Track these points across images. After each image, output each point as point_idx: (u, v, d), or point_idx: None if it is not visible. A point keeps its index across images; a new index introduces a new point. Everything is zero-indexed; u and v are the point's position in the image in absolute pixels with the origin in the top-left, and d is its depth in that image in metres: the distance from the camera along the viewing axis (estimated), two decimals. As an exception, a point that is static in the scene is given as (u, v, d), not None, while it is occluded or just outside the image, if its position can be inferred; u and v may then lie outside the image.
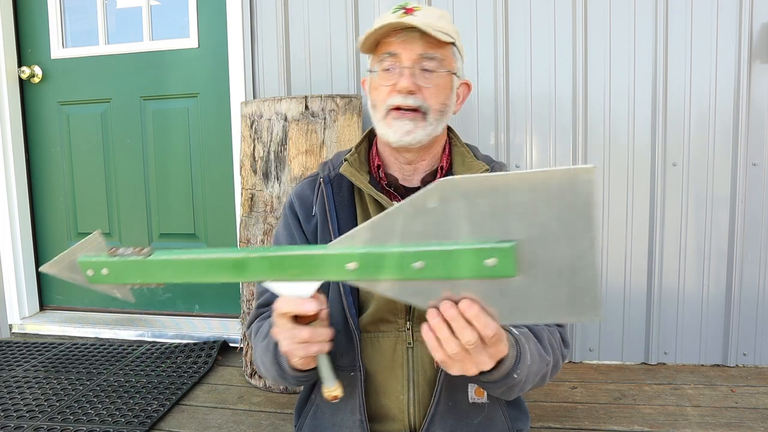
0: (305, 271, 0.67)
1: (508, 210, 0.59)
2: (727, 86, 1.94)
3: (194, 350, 2.23)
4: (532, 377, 0.85)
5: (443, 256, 0.60)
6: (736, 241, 1.98)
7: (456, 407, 0.98)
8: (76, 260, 0.74)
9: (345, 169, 1.00)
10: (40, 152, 2.65)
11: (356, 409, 0.98)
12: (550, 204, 0.58)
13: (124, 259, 0.72)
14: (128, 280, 0.72)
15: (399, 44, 0.92)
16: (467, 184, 0.59)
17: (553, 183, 0.57)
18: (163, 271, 0.71)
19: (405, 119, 0.93)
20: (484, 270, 0.60)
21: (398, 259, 0.62)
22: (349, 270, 0.64)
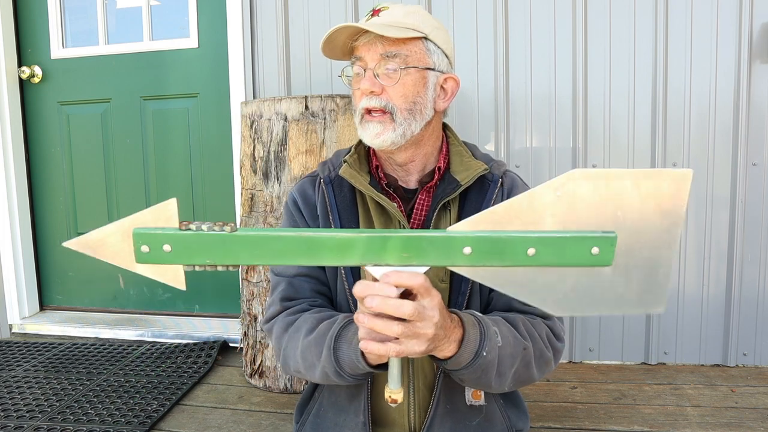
0: (416, 254, 0.64)
1: (613, 203, 0.63)
2: (727, 86, 1.94)
3: (194, 350, 2.23)
4: (509, 360, 0.84)
5: (557, 243, 0.63)
6: (736, 241, 1.97)
7: (454, 410, 0.98)
8: (132, 231, 0.62)
9: (344, 171, 0.98)
10: (40, 152, 2.65)
11: (360, 411, 0.97)
12: (649, 201, 0.63)
13: (199, 233, 0.61)
14: (195, 260, 0.62)
15: (362, 47, 0.93)
16: (591, 174, 0.63)
17: (656, 182, 0.62)
18: (249, 250, 0.62)
19: (374, 122, 0.93)
20: (588, 258, 0.63)
21: (514, 244, 0.63)
22: (465, 255, 0.63)
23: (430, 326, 0.70)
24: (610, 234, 0.63)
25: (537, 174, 2.05)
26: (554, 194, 0.63)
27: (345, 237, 0.63)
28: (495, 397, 1.01)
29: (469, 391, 0.98)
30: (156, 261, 0.63)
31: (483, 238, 0.63)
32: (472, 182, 0.97)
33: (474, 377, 0.82)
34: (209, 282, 2.55)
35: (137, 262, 0.63)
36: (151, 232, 0.62)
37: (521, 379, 0.89)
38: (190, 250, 0.62)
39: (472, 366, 0.79)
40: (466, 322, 0.79)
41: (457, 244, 0.63)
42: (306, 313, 0.96)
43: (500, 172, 1.00)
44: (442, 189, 0.97)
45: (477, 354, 0.79)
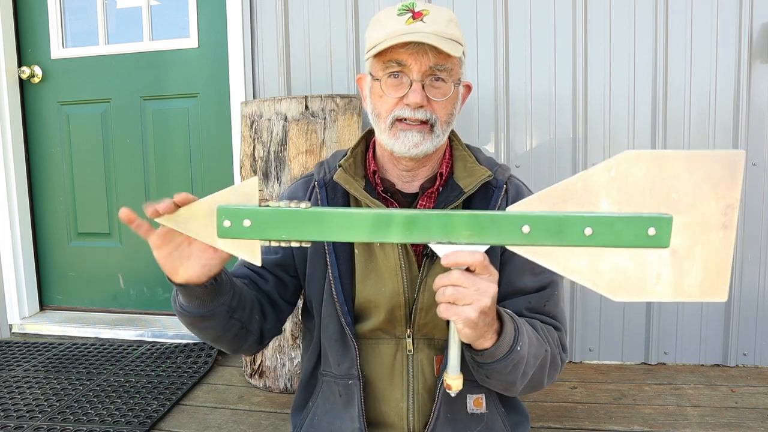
0: (478, 232, 0.67)
1: (667, 185, 0.64)
2: (727, 86, 1.94)
3: (194, 350, 2.23)
4: (533, 360, 0.84)
5: (613, 223, 0.64)
6: (736, 241, 1.97)
7: (455, 418, 0.97)
8: (216, 207, 0.67)
9: (339, 176, 0.96)
10: (40, 152, 2.65)
11: (355, 417, 0.96)
12: (703, 183, 0.63)
13: (276, 208, 0.66)
14: (272, 236, 0.67)
15: (409, 55, 0.87)
16: (646, 156, 0.64)
17: (709, 163, 0.63)
18: (322, 225, 0.66)
19: (413, 131, 0.90)
20: (645, 239, 0.64)
21: (572, 224, 0.64)
22: (524, 233, 0.65)
23: (486, 296, 0.70)
24: (666, 216, 0.63)
25: (537, 174, 2.05)
26: (608, 175, 0.64)
27: (412, 214, 0.67)
28: (496, 405, 1.00)
29: (471, 399, 0.97)
30: (236, 235, 0.67)
31: (541, 217, 0.65)
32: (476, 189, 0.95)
33: (505, 372, 0.81)
34: (209, 282, 2.55)
35: (219, 236, 0.67)
36: (233, 208, 0.66)
37: (533, 383, 0.89)
38: (268, 224, 0.66)
39: (507, 359, 0.79)
40: (502, 315, 0.79)
41: (516, 222, 0.65)
42: None
43: (504, 178, 0.98)
44: (445, 196, 0.96)
45: (512, 348, 0.79)
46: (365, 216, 0.66)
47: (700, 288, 0.65)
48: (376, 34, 0.91)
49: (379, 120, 0.93)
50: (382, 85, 0.91)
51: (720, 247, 0.65)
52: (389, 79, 0.90)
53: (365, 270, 0.96)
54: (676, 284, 0.65)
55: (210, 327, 0.87)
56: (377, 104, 0.93)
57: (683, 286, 0.65)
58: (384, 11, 0.93)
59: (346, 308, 0.95)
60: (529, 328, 0.86)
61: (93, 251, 2.67)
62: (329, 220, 0.66)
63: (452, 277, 0.69)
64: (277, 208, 0.66)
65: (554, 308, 0.97)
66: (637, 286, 0.65)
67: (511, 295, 0.95)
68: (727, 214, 0.64)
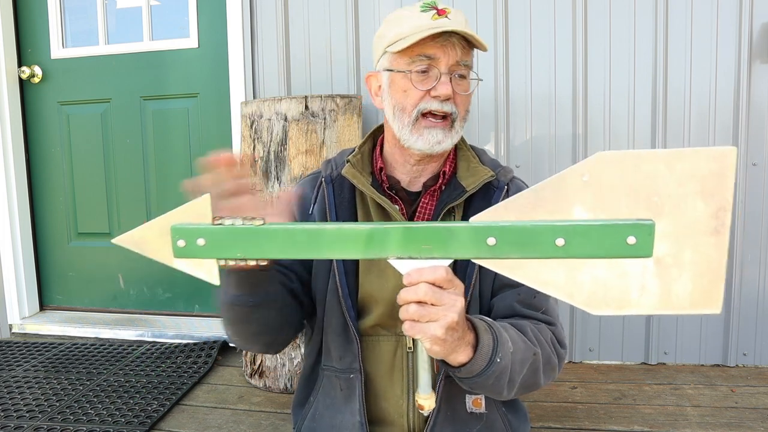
0: (440, 247, 0.62)
1: (647, 187, 0.58)
2: (727, 86, 1.94)
3: (194, 350, 2.23)
4: (519, 366, 0.83)
5: (588, 233, 0.58)
6: (736, 241, 1.97)
7: (454, 417, 0.97)
8: (170, 227, 0.64)
9: (347, 171, 0.98)
10: (40, 152, 2.65)
11: (356, 411, 0.97)
12: (689, 184, 0.57)
13: (230, 227, 0.63)
14: (227, 255, 0.64)
15: (439, 48, 0.89)
16: (620, 157, 0.58)
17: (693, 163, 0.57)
18: (277, 243, 0.63)
19: (437, 128, 0.92)
20: (624, 249, 0.58)
21: (541, 234, 0.59)
22: (489, 246, 0.60)
23: (452, 311, 0.68)
24: (647, 222, 0.58)
25: (537, 174, 2.05)
26: (581, 180, 0.59)
27: (369, 229, 0.62)
28: (496, 404, 1.00)
29: (470, 399, 0.97)
30: (192, 255, 0.65)
31: (508, 228, 0.60)
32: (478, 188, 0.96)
33: (487, 384, 0.80)
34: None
35: (175, 257, 0.66)
36: (186, 227, 0.64)
37: (527, 384, 0.88)
38: (223, 243, 0.64)
39: (486, 373, 0.78)
40: (478, 326, 0.78)
41: (480, 234, 0.60)
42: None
43: (507, 179, 0.99)
44: (448, 194, 0.97)
45: (491, 360, 0.77)
46: (317, 232, 0.63)
47: (690, 299, 0.59)
48: (399, 30, 0.92)
49: (403, 114, 0.94)
50: (410, 77, 0.92)
51: (712, 254, 0.59)
52: (417, 73, 0.91)
53: (368, 265, 0.97)
54: (663, 295, 0.60)
55: (257, 319, 0.87)
56: (401, 98, 0.94)
57: (671, 297, 0.60)
58: (404, 9, 0.95)
59: (350, 302, 0.96)
60: (513, 333, 0.84)
61: (93, 251, 2.67)
62: (283, 236, 0.63)
63: (418, 293, 0.66)
64: (230, 226, 0.64)
65: (545, 302, 0.96)
66: (618, 298, 0.60)
67: (502, 290, 0.96)
68: (719, 217, 0.58)
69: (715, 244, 0.58)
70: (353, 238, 0.63)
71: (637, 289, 0.60)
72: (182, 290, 2.59)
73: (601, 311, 0.61)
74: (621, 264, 0.59)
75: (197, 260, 0.66)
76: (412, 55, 0.91)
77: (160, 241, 0.65)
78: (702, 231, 0.58)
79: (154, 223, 0.65)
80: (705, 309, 0.59)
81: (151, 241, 0.66)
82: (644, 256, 0.58)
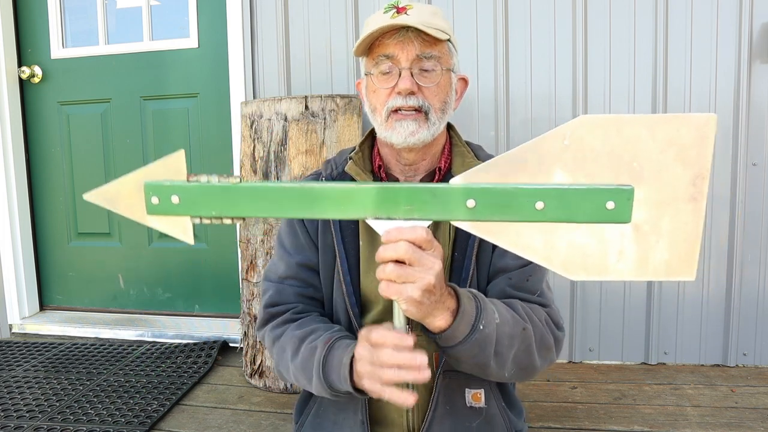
0: (419, 207, 0.61)
1: (628, 152, 0.58)
2: (727, 86, 1.94)
3: (194, 350, 2.23)
4: (507, 340, 0.82)
5: (567, 196, 0.58)
6: (736, 241, 1.97)
7: (453, 411, 0.97)
8: (143, 183, 0.63)
9: (350, 168, 0.99)
10: (40, 152, 2.65)
11: (359, 409, 0.98)
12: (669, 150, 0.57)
13: (206, 184, 0.62)
14: (202, 212, 0.63)
15: (395, 45, 0.91)
16: (602, 121, 0.58)
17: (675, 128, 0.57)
18: (253, 201, 0.62)
19: (408, 120, 0.92)
20: (603, 213, 0.58)
21: (521, 197, 0.59)
22: (468, 208, 0.60)
23: (430, 274, 0.67)
24: (626, 187, 0.58)
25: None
26: (562, 143, 0.59)
27: (347, 188, 0.62)
28: (496, 399, 1.01)
29: (469, 393, 0.98)
30: (165, 212, 0.64)
31: (488, 190, 0.59)
32: None
33: (471, 354, 0.80)
34: (209, 282, 2.55)
35: (148, 213, 0.64)
36: (160, 184, 0.63)
37: (523, 365, 0.87)
38: (197, 201, 0.63)
39: (469, 340, 0.77)
40: (460, 293, 0.78)
41: (459, 196, 0.60)
42: (288, 329, 0.95)
43: None
44: None
45: (474, 327, 0.77)
46: (293, 190, 0.62)
47: (667, 266, 0.60)
48: (363, 33, 0.94)
49: (375, 114, 0.96)
50: (374, 79, 0.94)
51: (689, 221, 0.59)
52: (380, 74, 0.93)
53: (369, 262, 0.98)
54: (641, 261, 0.60)
55: None
56: (372, 99, 0.96)
57: (648, 263, 0.60)
58: (373, 14, 0.97)
59: (354, 299, 0.97)
60: (501, 307, 0.84)
61: (93, 251, 2.67)
62: (259, 194, 0.62)
63: (398, 250, 0.65)
64: (206, 183, 0.63)
65: (538, 284, 0.96)
66: (596, 264, 0.60)
67: (495, 276, 0.96)
68: (697, 184, 0.58)
69: (692, 211, 0.59)
70: (333, 197, 0.62)
71: (615, 254, 0.60)
72: (182, 290, 2.59)
73: (578, 276, 0.61)
74: (599, 229, 0.59)
75: (171, 218, 0.64)
76: (375, 56, 0.93)
77: (134, 198, 0.64)
78: (680, 198, 0.58)
79: (128, 178, 0.63)
80: (680, 276, 0.60)
81: (124, 197, 0.64)
82: (623, 222, 0.59)
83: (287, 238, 1.04)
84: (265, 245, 1.86)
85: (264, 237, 1.86)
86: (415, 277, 0.66)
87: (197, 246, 2.54)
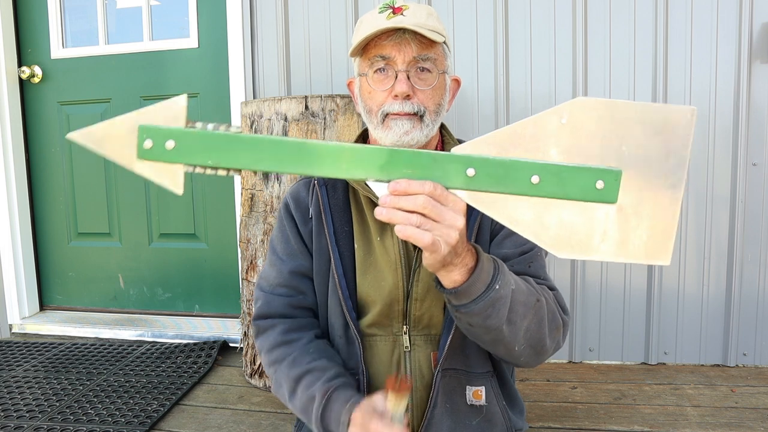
0: (420, 172, 0.62)
1: (618, 137, 0.61)
2: (727, 86, 1.94)
3: (194, 350, 2.23)
4: (521, 308, 0.81)
5: (562, 173, 0.61)
6: (736, 241, 1.97)
7: (454, 409, 0.97)
8: (137, 126, 0.60)
9: None
10: (40, 152, 2.65)
11: None
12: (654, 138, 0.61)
13: (204, 131, 0.61)
14: (197, 160, 0.61)
15: (392, 47, 0.90)
16: (598, 104, 0.61)
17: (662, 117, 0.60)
18: (252, 152, 0.61)
19: (403, 119, 0.92)
20: (592, 192, 0.62)
21: (519, 169, 0.61)
22: (468, 176, 0.62)
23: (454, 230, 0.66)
24: (616, 169, 0.61)
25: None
26: (559, 121, 0.62)
27: (349, 147, 0.62)
28: (497, 397, 1.01)
29: (470, 391, 0.98)
30: (158, 158, 0.61)
31: (488, 161, 0.62)
32: None
33: (484, 315, 0.77)
34: (209, 282, 2.55)
35: (138, 157, 0.61)
36: (156, 127, 0.60)
37: (533, 340, 0.85)
38: (194, 147, 0.61)
39: (484, 299, 0.75)
40: (480, 252, 0.77)
41: (461, 163, 0.62)
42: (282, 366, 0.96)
43: None
44: None
45: (490, 286, 0.75)
46: (295, 144, 0.62)
47: (645, 249, 0.63)
48: (358, 34, 0.93)
49: (371, 116, 0.95)
50: (369, 80, 0.93)
51: (667, 208, 0.62)
52: (375, 75, 0.93)
53: (365, 265, 0.98)
54: (621, 243, 0.63)
55: None
56: (368, 101, 0.95)
57: (628, 246, 0.63)
58: (367, 13, 0.96)
59: (351, 304, 0.97)
60: (517, 277, 0.83)
61: (93, 251, 2.67)
62: (260, 146, 0.61)
63: (417, 202, 0.63)
64: (204, 130, 0.61)
65: (540, 270, 0.96)
66: (582, 242, 0.63)
67: None
68: (676, 172, 0.62)
69: (670, 197, 0.62)
70: (334, 155, 0.62)
71: (600, 234, 0.63)
72: (182, 290, 2.59)
73: (565, 254, 0.64)
74: (587, 209, 0.62)
75: (162, 165, 0.61)
76: (370, 57, 0.92)
77: (124, 140, 0.60)
78: (661, 185, 0.62)
79: (121, 119, 0.61)
80: (656, 260, 0.63)
81: (114, 139, 0.60)
82: (610, 202, 0.62)
83: (279, 244, 1.04)
84: (265, 245, 1.86)
85: (264, 237, 1.86)
86: (440, 232, 0.65)
87: (197, 246, 2.54)
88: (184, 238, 2.55)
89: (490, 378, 1.00)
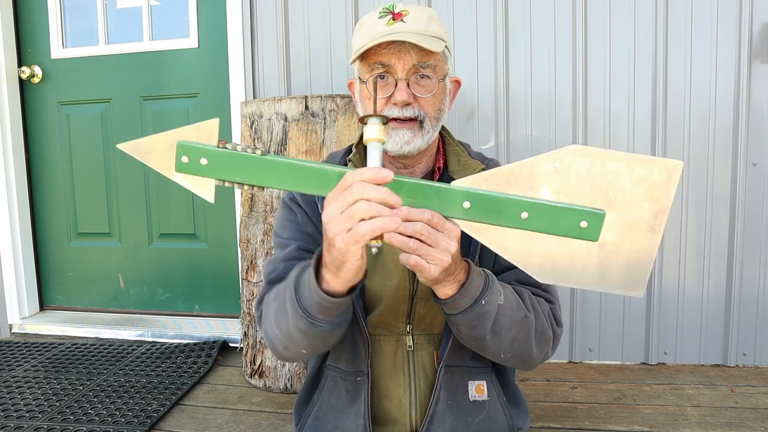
0: (422, 201, 0.70)
1: (606, 182, 0.67)
2: (727, 86, 1.94)
3: (194, 350, 2.23)
4: (508, 322, 0.84)
5: (549, 211, 0.68)
6: (736, 241, 1.97)
7: (456, 406, 0.98)
8: (176, 143, 0.69)
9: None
10: (40, 152, 2.65)
11: (360, 414, 0.97)
12: (640, 185, 0.67)
13: (233, 152, 0.69)
14: (226, 177, 0.69)
15: (392, 55, 0.90)
16: (590, 153, 0.67)
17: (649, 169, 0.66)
18: (275, 174, 0.69)
19: (404, 129, 0.92)
20: (576, 231, 0.68)
21: (510, 206, 0.68)
22: (464, 208, 0.69)
23: (446, 255, 0.71)
24: (600, 211, 0.67)
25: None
26: (552, 165, 0.68)
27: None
28: (498, 395, 1.02)
29: (473, 386, 0.99)
30: (192, 172, 0.70)
31: (483, 196, 0.69)
32: None
33: (470, 325, 0.83)
34: (209, 282, 2.55)
35: (176, 171, 0.70)
36: (192, 145, 0.69)
37: (519, 351, 0.88)
38: (224, 166, 0.69)
39: (470, 312, 0.80)
40: (472, 269, 0.81)
41: (459, 197, 0.69)
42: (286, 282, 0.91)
43: None
44: None
45: (476, 301, 0.80)
46: (312, 170, 0.69)
47: (621, 282, 0.70)
48: (360, 39, 0.93)
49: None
50: (368, 87, 0.93)
51: (646, 248, 0.68)
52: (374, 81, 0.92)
53: (373, 264, 0.97)
54: (600, 275, 0.69)
55: (334, 337, 0.89)
56: (367, 106, 0.96)
57: (606, 278, 0.69)
58: (367, 16, 0.96)
59: (361, 303, 0.97)
60: (509, 292, 0.86)
61: (93, 251, 2.67)
62: (281, 169, 0.69)
63: (415, 228, 0.69)
64: (233, 151, 0.69)
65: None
66: (565, 271, 0.70)
67: (500, 273, 0.97)
68: (657, 218, 0.67)
69: (650, 239, 0.68)
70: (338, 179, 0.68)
71: (580, 266, 0.70)
72: (182, 290, 2.59)
73: (548, 280, 0.71)
74: (570, 243, 0.69)
75: (197, 177, 0.70)
76: (370, 63, 0.92)
77: (165, 154, 0.70)
78: (642, 227, 0.68)
79: (162, 136, 0.70)
80: (631, 292, 0.70)
81: (157, 152, 0.70)
82: (591, 240, 0.69)
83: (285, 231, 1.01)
84: (265, 245, 1.86)
85: (264, 237, 1.86)
86: (434, 257, 0.71)
87: (197, 246, 2.54)
88: (184, 238, 2.55)
89: (489, 373, 1.01)
